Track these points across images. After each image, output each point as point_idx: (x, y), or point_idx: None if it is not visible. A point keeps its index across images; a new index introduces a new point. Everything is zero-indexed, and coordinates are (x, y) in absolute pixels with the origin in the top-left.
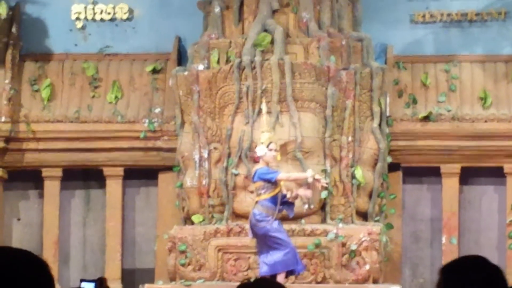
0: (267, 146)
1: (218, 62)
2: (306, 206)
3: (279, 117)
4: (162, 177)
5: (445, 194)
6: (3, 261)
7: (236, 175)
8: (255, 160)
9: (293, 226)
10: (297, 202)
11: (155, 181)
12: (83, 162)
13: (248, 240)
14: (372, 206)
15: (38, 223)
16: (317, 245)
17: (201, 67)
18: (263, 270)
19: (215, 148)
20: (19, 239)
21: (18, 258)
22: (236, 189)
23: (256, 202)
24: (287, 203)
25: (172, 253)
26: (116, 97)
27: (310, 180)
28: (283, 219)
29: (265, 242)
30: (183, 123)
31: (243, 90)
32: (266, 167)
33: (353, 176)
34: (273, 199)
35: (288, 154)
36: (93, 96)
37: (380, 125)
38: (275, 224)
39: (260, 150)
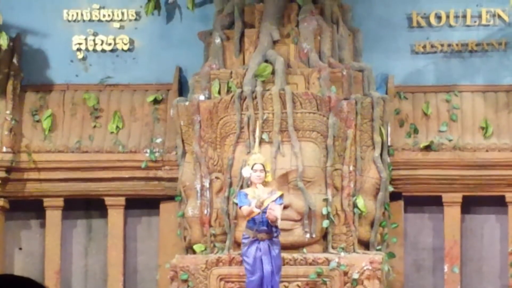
0: (252, 168)
1: (219, 92)
2: (308, 235)
3: (281, 147)
4: (164, 206)
5: (447, 223)
6: None
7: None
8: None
9: (295, 255)
10: (299, 231)
11: (157, 211)
12: (85, 192)
13: None
14: (374, 235)
15: (40, 253)
16: (319, 274)
17: (202, 97)
18: None
19: (216, 177)
20: (20, 268)
21: (23, 285)
22: (237, 219)
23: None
24: (273, 225)
25: (174, 282)
26: (117, 127)
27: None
28: (284, 248)
29: None
30: (184, 153)
31: (244, 120)
32: (244, 192)
33: (355, 205)
34: (253, 220)
35: (289, 183)
36: (94, 126)
37: (381, 154)
38: (256, 246)
39: (245, 172)
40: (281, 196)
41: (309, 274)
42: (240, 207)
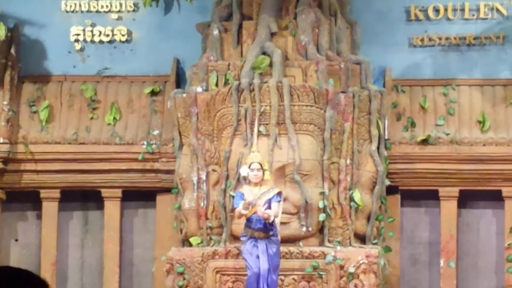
0: (249, 167)
1: (216, 84)
2: (304, 228)
3: (278, 140)
4: (160, 199)
5: (444, 217)
6: (6, 280)
7: (234, 197)
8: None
9: (291, 248)
10: (295, 225)
11: (153, 203)
12: (81, 183)
13: None
14: (370, 229)
15: (36, 244)
16: (315, 268)
17: (199, 89)
18: None
19: (213, 170)
20: (17, 260)
21: (20, 277)
22: (234, 211)
23: None
24: (267, 223)
25: (170, 275)
26: (114, 119)
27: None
28: (283, 241)
29: None
30: (181, 145)
31: (242, 113)
32: (241, 192)
33: (351, 199)
34: (249, 219)
35: (286, 176)
36: (92, 118)
37: (378, 148)
38: (253, 243)
39: (243, 171)
40: (278, 194)
41: (305, 267)
42: (235, 206)
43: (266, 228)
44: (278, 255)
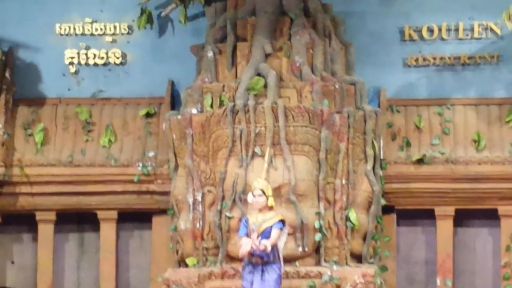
0: (253, 194)
1: (211, 106)
2: (300, 248)
3: (273, 161)
4: (156, 220)
5: (440, 236)
6: None
7: (230, 218)
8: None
9: (288, 268)
10: (291, 245)
11: (149, 224)
12: (77, 205)
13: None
14: (366, 248)
15: (32, 267)
16: (312, 287)
17: (194, 111)
18: None
19: (209, 191)
20: (13, 282)
21: None
22: (230, 232)
23: None
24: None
25: None
26: (109, 141)
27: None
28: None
29: None
30: (176, 166)
31: (237, 134)
32: (246, 218)
33: (347, 219)
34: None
35: (282, 197)
36: (87, 140)
37: (374, 168)
38: (250, 269)
39: (249, 198)
40: (281, 221)
41: (302, 287)
42: (240, 235)
43: (262, 255)
44: (278, 282)
